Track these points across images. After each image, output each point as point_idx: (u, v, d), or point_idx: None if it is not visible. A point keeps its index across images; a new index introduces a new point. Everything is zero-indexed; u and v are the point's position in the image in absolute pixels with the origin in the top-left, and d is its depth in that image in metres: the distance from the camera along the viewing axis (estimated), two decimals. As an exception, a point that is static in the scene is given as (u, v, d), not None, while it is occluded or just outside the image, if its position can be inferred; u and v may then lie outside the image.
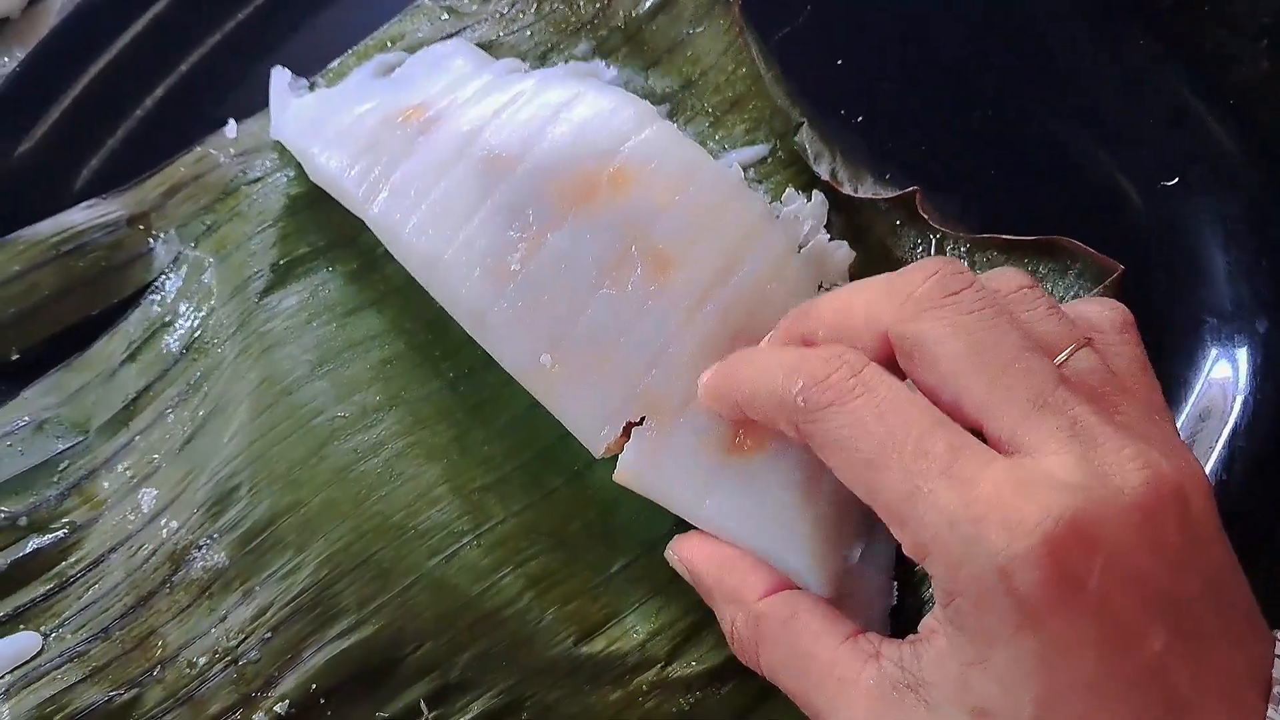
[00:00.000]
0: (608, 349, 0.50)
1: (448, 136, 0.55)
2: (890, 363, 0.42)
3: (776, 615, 0.44)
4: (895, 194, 0.56)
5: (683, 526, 0.53)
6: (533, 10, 0.66)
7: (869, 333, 0.42)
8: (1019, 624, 0.35)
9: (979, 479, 0.36)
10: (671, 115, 0.62)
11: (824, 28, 0.66)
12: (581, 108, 0.55)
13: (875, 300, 0.42)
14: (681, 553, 0.50)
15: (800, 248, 0.53)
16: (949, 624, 0.37)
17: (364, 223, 0.57)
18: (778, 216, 0.54)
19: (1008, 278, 0.44)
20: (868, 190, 0.58)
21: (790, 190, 0.58)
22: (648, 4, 0.65)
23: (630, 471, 0.50)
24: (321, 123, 0.59)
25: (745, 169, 0.59)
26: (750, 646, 0.45)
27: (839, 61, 0.65)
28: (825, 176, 0.58)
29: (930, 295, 0.41)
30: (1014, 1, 0.66)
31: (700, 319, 0.49)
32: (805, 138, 0.59)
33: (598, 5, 0.65)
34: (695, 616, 0.52)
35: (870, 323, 0.42)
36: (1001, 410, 0.38)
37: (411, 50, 0.64)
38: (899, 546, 0.39)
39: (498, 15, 0.66)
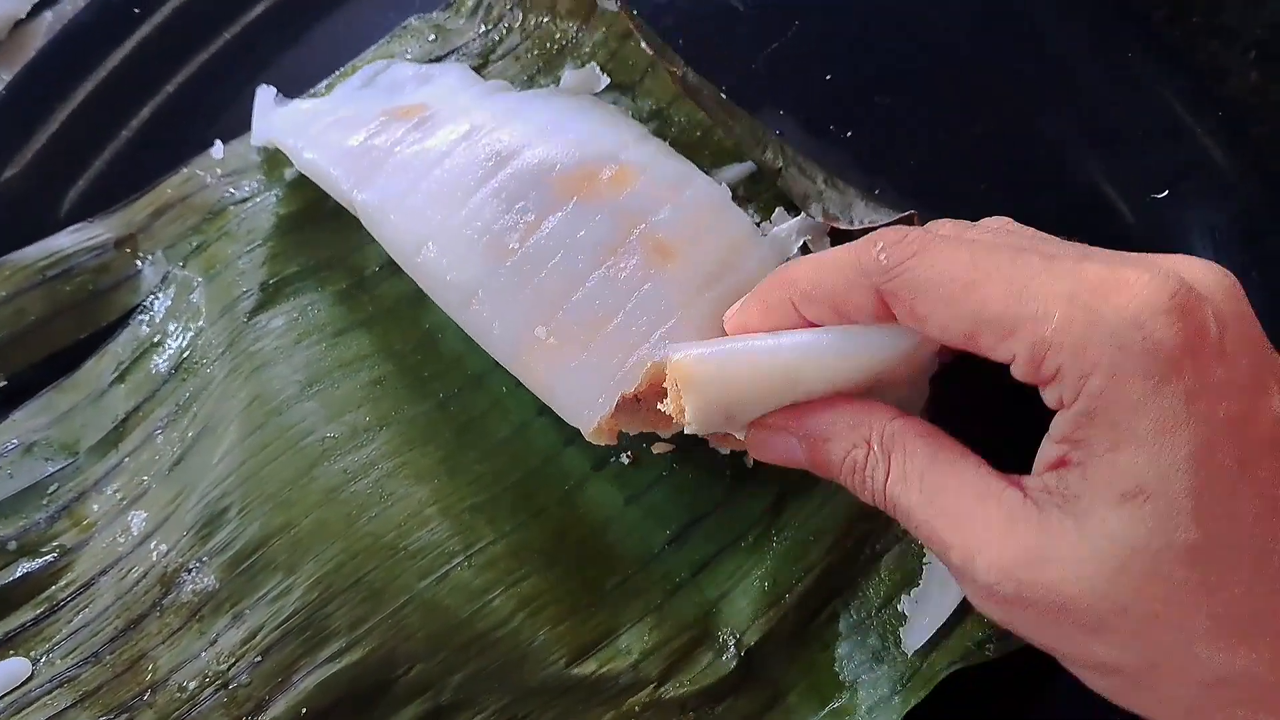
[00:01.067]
0: (605, 323, 0.49)
1: (445, 132, 0.55)
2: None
3: (914, 429, 0.41)
4: (893, 219, 0.56)
5: (677, 544, 0.53)
6: (518, 28, 0.66)
7: (856, 286, 0.42)
8: (1161, 374, 0.34)
9: (1082, 266, 0.36)
10: (658, 134, 0.62)
11: (813, 43, 0.66)
12: (579, 118, 0.55)
13: (848, 258, 0.42)
14: (776, 420, 0.44)
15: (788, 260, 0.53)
16: (1083, 419, 0.36)
17: (355, 243, 0.57)
18: (764, 235, 0.54)
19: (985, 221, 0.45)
20: (860, 212, 0.58)
21: (780, 210, 0.58)
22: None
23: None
24: (309, 123, 0.59)
25: (734, 187, 0.59)
26: (877, 470, 0.42)
27: (828, 77, 0.65)
28: (818, 219, 0.57)
29: (911, 240, 0.40)
30: (1006, 14, 0.66)
31: (699, 304, 0.49)
32: (787, 182, 0.59)
33: (577, 25, 0.65)
34: (690, 635, 0.52)
35: (853, 278, 0.42)
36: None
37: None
38: None
39: (484, 34, 0.66)
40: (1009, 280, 0.37)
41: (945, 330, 0.39)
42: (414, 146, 0.55)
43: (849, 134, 0.63)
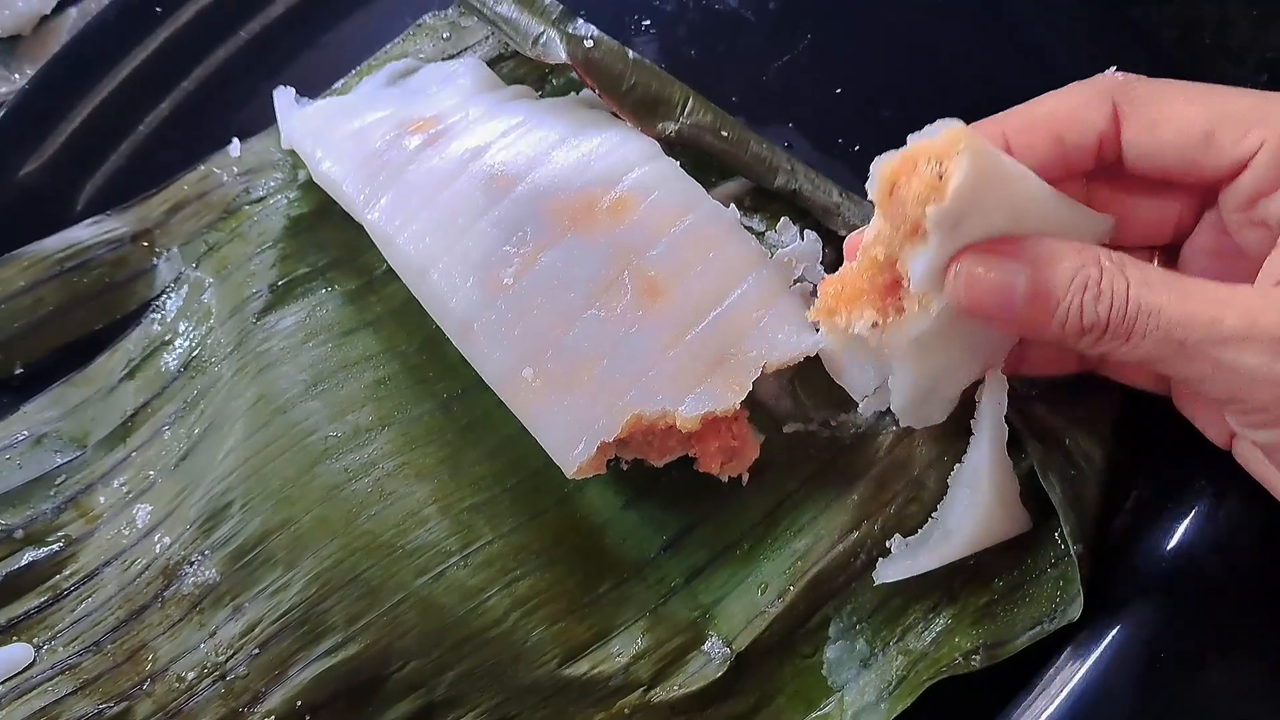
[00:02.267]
0: (590, 367, 0.50)
1: (454, 150, 0.56)
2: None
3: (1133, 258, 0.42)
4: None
5: (672, 549, 0.54)
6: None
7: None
8: None
9: None
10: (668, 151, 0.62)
11: (823, 56, 0.67)
12: (588, 136, 0.56)
13: (1079, 85, 0.46)
14: (1001, 245, 0.42)
15: (795, 282, 0.54)
16: None
17: (365, 244, 0.58)
18: (771, 256, 0.54)
19: None
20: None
21: (785, 219, 0.58)
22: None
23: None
24: (329, 128, 0.60)
25: (741, 200, 0.60)
26: (1116, 280, 0.41)
27: (837, 90, 0.65)
28: (841, 231, 0.58)
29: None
30: (1016, 30, 0.67)
31: (683, 347, 0.50)
32: (803, 199, 0.59)
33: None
34: (681, 640, 0.52)
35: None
36: None
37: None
38: None
39: (496, 33, 0.66)
40: (1243, 92, 0.42)
41: (1182, 133, 0.42)
42: (423, 166, 0.56)
43: (856, 148, 0.63)
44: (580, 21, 0.63)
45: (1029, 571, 0.51)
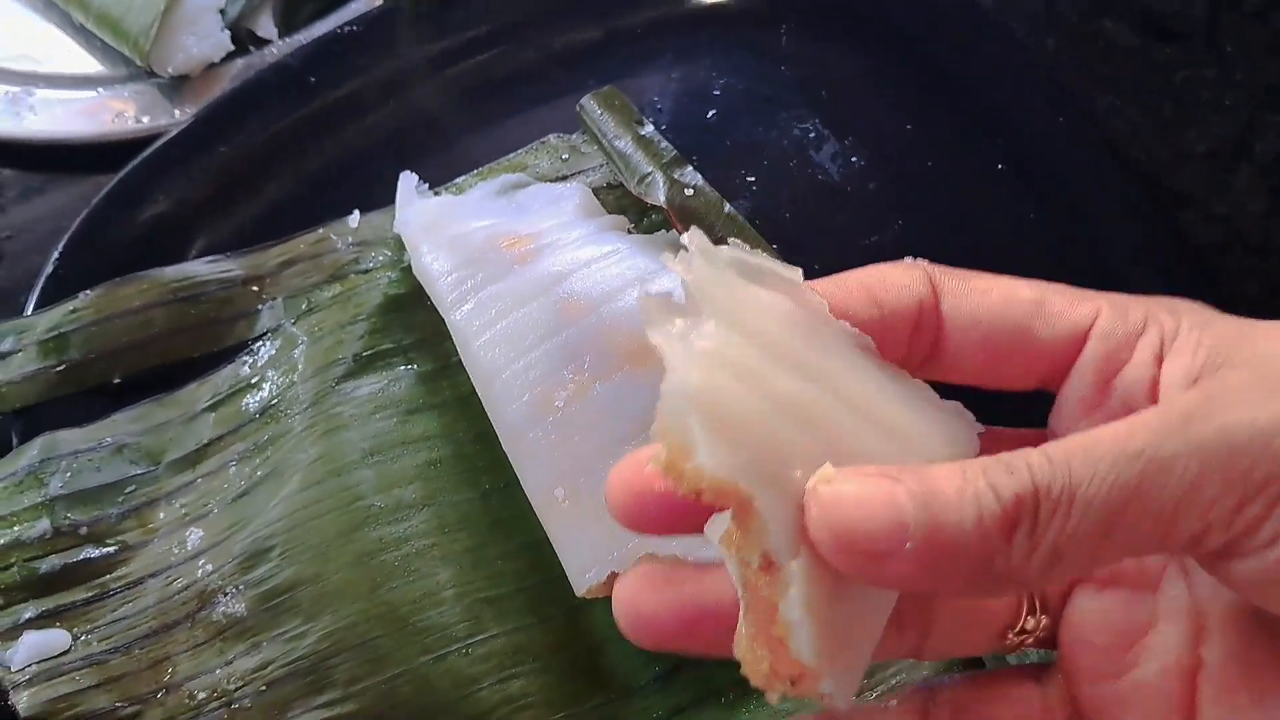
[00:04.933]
0: None
1: (541, 271, 0.61)
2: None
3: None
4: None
5: (661, 683, 0.57)
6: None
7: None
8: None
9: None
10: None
11: (911, 243, 0.69)
12: (664, 280, 0.60)
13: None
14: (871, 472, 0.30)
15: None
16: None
17: (446, 330, 0.63)
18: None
19: None
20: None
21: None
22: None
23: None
24: (439, 225, 0.66)
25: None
26: (1015, 460, 0.30)
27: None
28: None
29: None
30: (1094, 248, 0.69)
31: None
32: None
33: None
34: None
35: None
36: None
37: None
38: None
39: (609, 164, 0.71)
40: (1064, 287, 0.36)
41: (1009, 299, 0.36)
42: (510, 281, 0.61)
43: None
44: (689, 169, 0.68)
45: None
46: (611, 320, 0.58)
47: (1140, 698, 0.35)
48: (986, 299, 0.36)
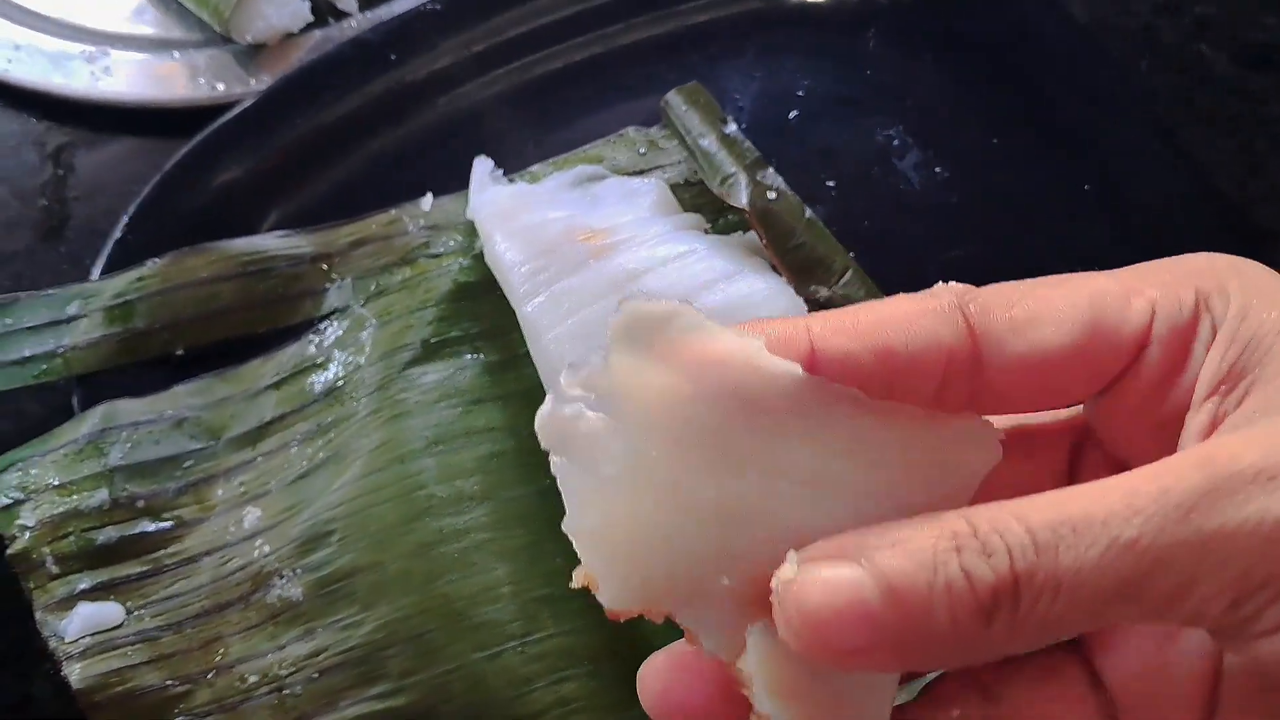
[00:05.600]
0: None
1: (614, 268, 0.60)
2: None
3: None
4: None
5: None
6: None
7: None
8: None
9: None
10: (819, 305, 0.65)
11: (990, 263, 0.69)
12: (739, 284, 0.59)
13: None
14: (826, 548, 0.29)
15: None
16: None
17: (515, 321, 0.62)
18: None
19: None
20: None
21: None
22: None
23: None
24: (512, 214, 0.64)
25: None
26: (1003, 525, 0.27)
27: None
28: None
29: None
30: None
31: None
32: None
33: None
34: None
35: None
36: None
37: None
38: None
39: (688, 159, 0.70)
40: (1111, 274, 0.33)
41: (1060, 327, 0.32)
42: (583, 275, 0.60)
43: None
44: (770, 171, 0.67)
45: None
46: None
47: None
48: (1037, 336, 0.32)
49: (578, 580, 0.30)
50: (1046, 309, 0.32)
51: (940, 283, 0.33)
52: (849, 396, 0.30)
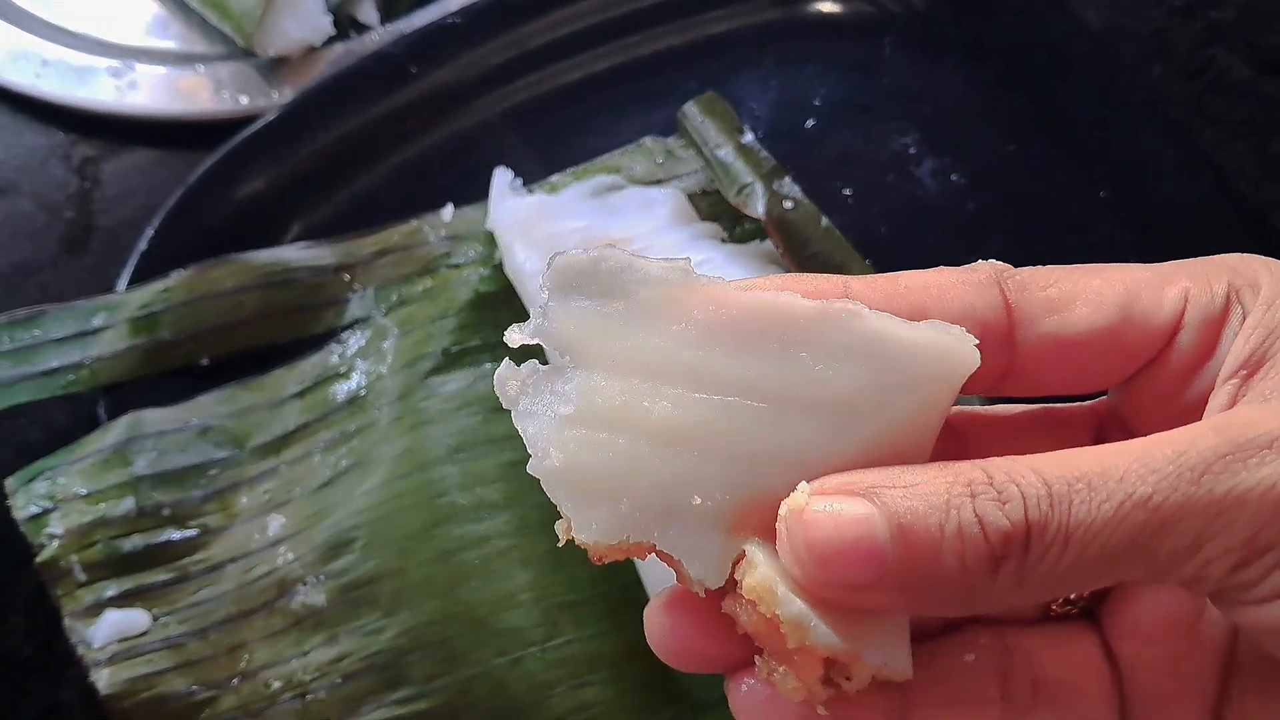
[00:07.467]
0: None
1: None
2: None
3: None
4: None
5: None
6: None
7: None
8: None
9: None
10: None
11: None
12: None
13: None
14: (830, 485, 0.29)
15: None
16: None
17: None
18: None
19: None
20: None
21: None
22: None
23: None
24: (532, 224, 0.65)
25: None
26: (1020, 476, 0.27)
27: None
28: None
29: None
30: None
31: None
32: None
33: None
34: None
35: None
36: None
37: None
38: None
39: (705, 169, 0.71)
40: (1146, 266, 0.33)
41: (1094, 309, 0.32)
42: None
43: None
44: (788, 180, 0.67)
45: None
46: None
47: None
48: (1071, 316, 0.32)
49: (560, 533, 0.30)
50: (1082, 291, 0.32)
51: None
52: (817, 310, 0.30)
